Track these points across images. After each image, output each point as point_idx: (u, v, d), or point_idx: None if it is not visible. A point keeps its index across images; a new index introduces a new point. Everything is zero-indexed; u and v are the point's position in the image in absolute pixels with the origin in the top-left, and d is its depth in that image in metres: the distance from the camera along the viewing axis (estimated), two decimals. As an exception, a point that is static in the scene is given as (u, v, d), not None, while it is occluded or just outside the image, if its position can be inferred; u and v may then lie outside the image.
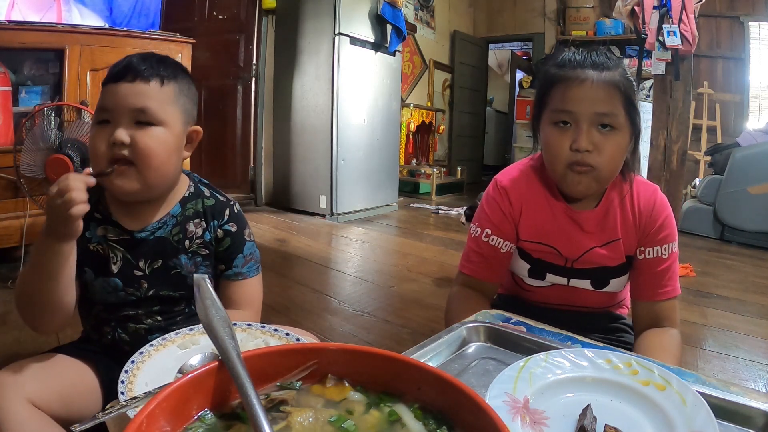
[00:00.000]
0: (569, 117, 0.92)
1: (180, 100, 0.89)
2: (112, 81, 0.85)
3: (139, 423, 0.29)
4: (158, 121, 0.85)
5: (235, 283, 0.98)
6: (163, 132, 0.86)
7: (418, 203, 5.01)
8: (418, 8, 5.90)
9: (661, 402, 0.53)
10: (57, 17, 2.51)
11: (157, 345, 0.68)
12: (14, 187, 2.17)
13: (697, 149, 5.20)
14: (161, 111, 0.85)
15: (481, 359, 0.69)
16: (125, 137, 0.82)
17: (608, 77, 0.90)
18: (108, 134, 0.83)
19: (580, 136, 0.90)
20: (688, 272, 2.85)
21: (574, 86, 0.91)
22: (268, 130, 4.31)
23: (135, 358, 0.65)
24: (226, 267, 0.97)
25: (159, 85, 0.86)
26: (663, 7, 2.85)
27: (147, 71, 0.85)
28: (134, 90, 0.84)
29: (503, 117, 8.33)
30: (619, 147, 0.92)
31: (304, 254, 2.96)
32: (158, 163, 0.86)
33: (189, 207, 0.96)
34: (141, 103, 0.84)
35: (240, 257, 0.97)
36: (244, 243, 0.98)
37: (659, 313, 0.99)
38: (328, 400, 0.38)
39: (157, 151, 0.85)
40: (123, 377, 0.61)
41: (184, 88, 0.91)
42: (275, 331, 0.73)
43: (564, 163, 0.93)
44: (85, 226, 0.89)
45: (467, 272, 1.08)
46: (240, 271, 0.97)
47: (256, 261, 1.01)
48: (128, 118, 0.84)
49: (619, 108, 0.91)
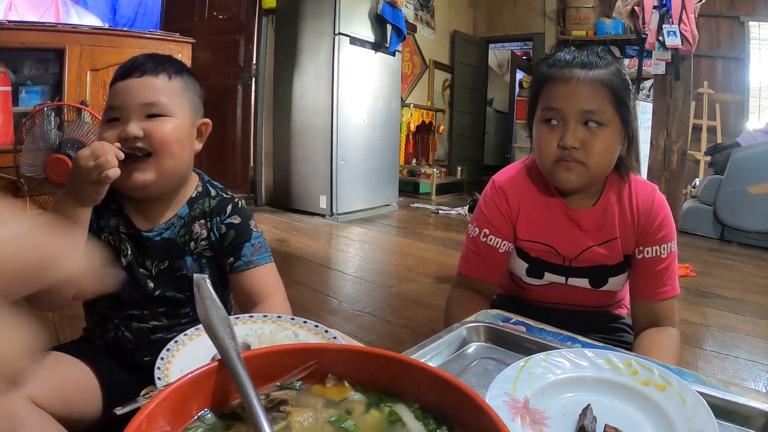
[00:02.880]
0: (556, 115, 0.93)
1: (187, 94, 0.91)
2: (121, 78, 0.86)
3: (139, 423, 0.29)
4: (169, 113, 0.86)
5: (248, 272, 0.93)
6: (176, 121, 0.87)
7: (418, 203, 5.02)
8: (418, 8, 5.90)
9: (661, 402, 0.53)
10: (55, 17, 2.51)
11: (191, 334, 0.70)
12: (14, 187, 2.17)
13: (697, 149, 5.20)
14: (171, 103, 0.86)
15: (481, 359, 0.69)
16: (138, 131, 0.83)
17: (595, 75, 0.92)
18: (118, 130, 0.84)
19: (567, 133, 0.92)
20: (688, 272, 2.85)
21: (560, 84, 0.93)
22: (268, 130, 4.31)
23: (170, 346, 0.67)
24: (235, 258, 0.93)
25: (167, 79, 0.87)
26: (663, 7, 2.85)
27: (154, 67, 0.86)
28: (143, 84, 0.85)
29: (503, 117, 8.33)
30: (608, 143, 0.93)
31: (304, 254, 2.96)
32: (174, 150, 0.86)
33: (196, 207, 0.96)
34: (151, 97, 0.85)
35: (248, 246, 0.94)
36: (250, 233, 0.95)
37: (658, 312, 0.99)
38: (328, 400, 0.38)
39: (173, 138, 0.86)
40: (159, 364, 0.63)
41: (190, 83, 0.93)
42: (304, 323, 0.75)
43: (552, 160, 0.95)
44: (99, 216, 0.90)
45: (466, 273, 1.09)
46: (250, 259, 0.93)
47: (267, 250, 0.96)
48: (139, 113, 0.84)
49: (606, 105, 0.92)
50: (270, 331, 0.72)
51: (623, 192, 1.01)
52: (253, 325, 0.75)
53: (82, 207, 0.80)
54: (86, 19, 2.62)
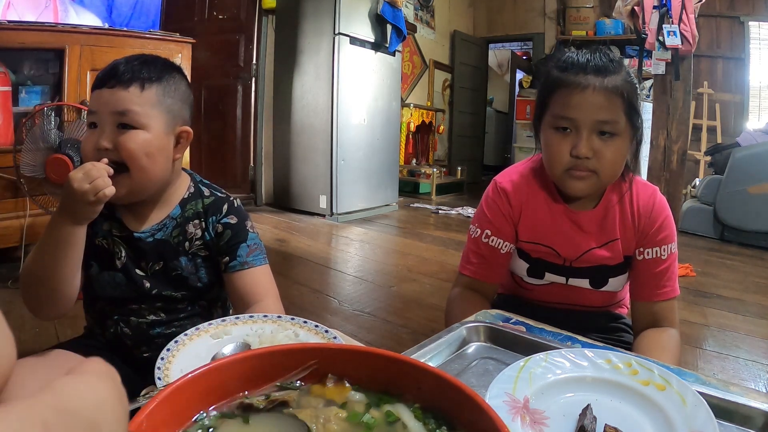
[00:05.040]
0: (570, 123, 0.92)
1: (165, 102, 0.89)
2: (97, 86, 0.87)
3: (139, 423, 0.29)
4: (140, 125, 0.86)
5: (243, 272, 0.94)
6: (145, 135, 0.86)
7: (418, 203, 5.01)
8: (418, 8, 5.90)
9: (661, 402, 0.53)
10: (54, 17, 2.51)
11: (191, 334, 0.71)
12: (14, 187, 2.17)
13: (697, 149, 5.20)
14: (142, 115, 0.86)
15: (481, 359, 0.69)
16: (107, 143, 0.84)
17: (610, 83, 0.90)
18: (95, 139, 0.86)
19: (580, 142, 0.91)
20: (688, 272, 2.85)
21: (575, 93, 0.91)
22: (268, 130, 4.31)
23: (170, 346, 0.68)
24: (230, 258, 0.94)
25: (139, 90, 0.86)
26: (663, 7, 2.85)
27: (127, 76, 0.86)
28: (114, 96, 0.85)
29: (503, 117, 8.33)
30: (620, 152, 0.93)
31: (304, 254, 2.96)
32: (143, 164, 0.86)
33: (189, 208, 0.96)
34: (120, 107, 0.85)
35: (243, 246, 0.95)
36: (246, 233, 0.96)
37: (658, 313, 0.99)
38: (328, 401, 0.38)
39: (141, 152, 0.85)
40: (159, 364, 0.64)
41: (170, 89, 0.90)
42: (304, 323, 0.75)
43: (563, 168, 0.94)
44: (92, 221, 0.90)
45: (467, 273, 1.08)
46: (245, 260, 0.94)
47: (262, 251, 0.97)
48: (111, 122, 0.85)
49: (620, 114, 0.90)
50: (270, 331, 0.72)
51: (624, 193, 1.01)
52: (253, 325, 0.75)
53: (79, 226, 0.81)
54: (84, 17, 2.62)
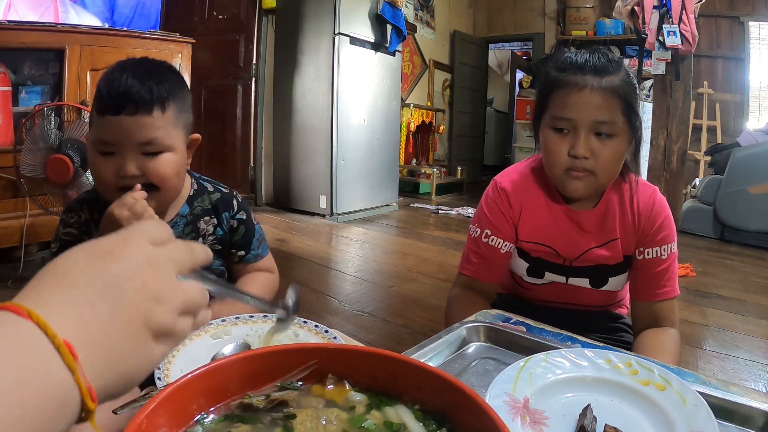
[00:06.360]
0: (567, 124, 0.92)
1: (181, 118, 0.87)
2: (112, 113, 0.80)
3: (139, 423, 0.29)
4: (166, 148, 0.84)
5: (255, 264, 1.05)
6: (172, 156, 0.85)
7: (418, 203, 5.01)
8: (418, 8, 5.90)
9: (661, 402, 0.53)
10: (54, 17, 2.51)
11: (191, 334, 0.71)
12: (14, 187, 2.17)
13: (697, 149, 5.20)
14: (167, 138, 0.84)
15: (481, 359, 0.69)
16: (135, 170, 0.82)
17: (608, 83, 0.90)
18: (114, 166, 0.82)
19: (578, 143, 0.91)
20: (688, 272, 2.85)
21: (573, 93, 0.91)
22: (268, 130, 4.30)
23: None
24: (245, 252, 1.03)
25: (161, 113, 0.82)
26: (663, 7, 2.85)
27: (147, 99, 0.80)
28: (138, 123, 0.80)
29: (503, 117, 8.32)
30: (618, 152, 0.93)
31: (304, 254, 2.96)
32: (174, 184, 0.88)
33: (196, 205, 0.97)
34: (147, 136, 0.81)
35: (255, 240, 1.04)
36: (254, 227, 1.04)
37: (658, 313, 0.99)
38: (328, 401, 0.38)
39: (172, 173, 0.85)
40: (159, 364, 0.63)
41: (181, 102, 0.87)
42: (304, 323, 0.77)
43: (562, 168, 0.94)
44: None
45: (467, 273, 1.08)
46: (258, 252, 1.05)
47: (265, 240, 1.08)
48: (134, 150, 0.82)
49: (618, 115, 0.90)
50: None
51: (624, 193, 1.01)
52: (253, 325, 0.75)
53: None
54: (85, 18, 2.62)
